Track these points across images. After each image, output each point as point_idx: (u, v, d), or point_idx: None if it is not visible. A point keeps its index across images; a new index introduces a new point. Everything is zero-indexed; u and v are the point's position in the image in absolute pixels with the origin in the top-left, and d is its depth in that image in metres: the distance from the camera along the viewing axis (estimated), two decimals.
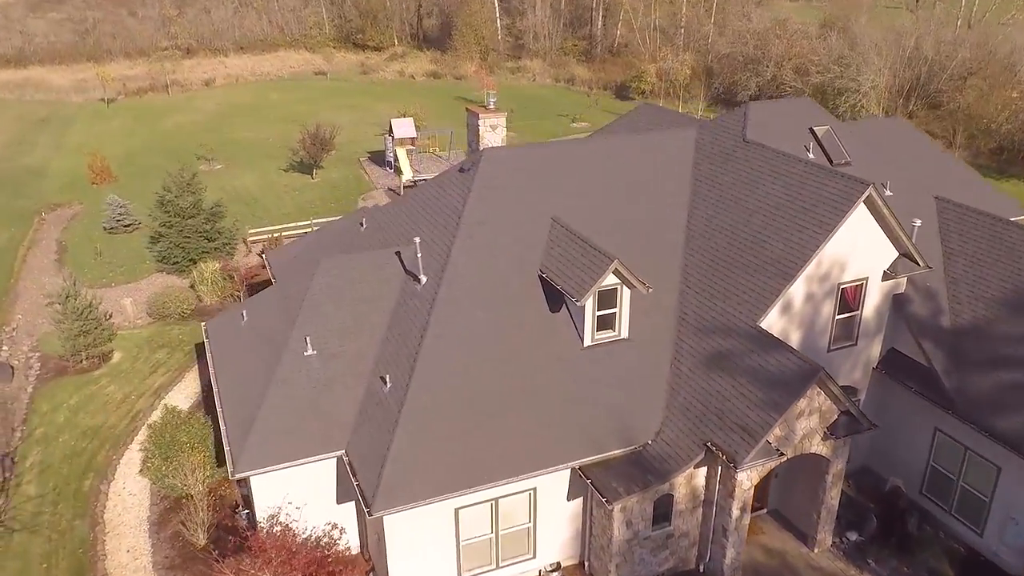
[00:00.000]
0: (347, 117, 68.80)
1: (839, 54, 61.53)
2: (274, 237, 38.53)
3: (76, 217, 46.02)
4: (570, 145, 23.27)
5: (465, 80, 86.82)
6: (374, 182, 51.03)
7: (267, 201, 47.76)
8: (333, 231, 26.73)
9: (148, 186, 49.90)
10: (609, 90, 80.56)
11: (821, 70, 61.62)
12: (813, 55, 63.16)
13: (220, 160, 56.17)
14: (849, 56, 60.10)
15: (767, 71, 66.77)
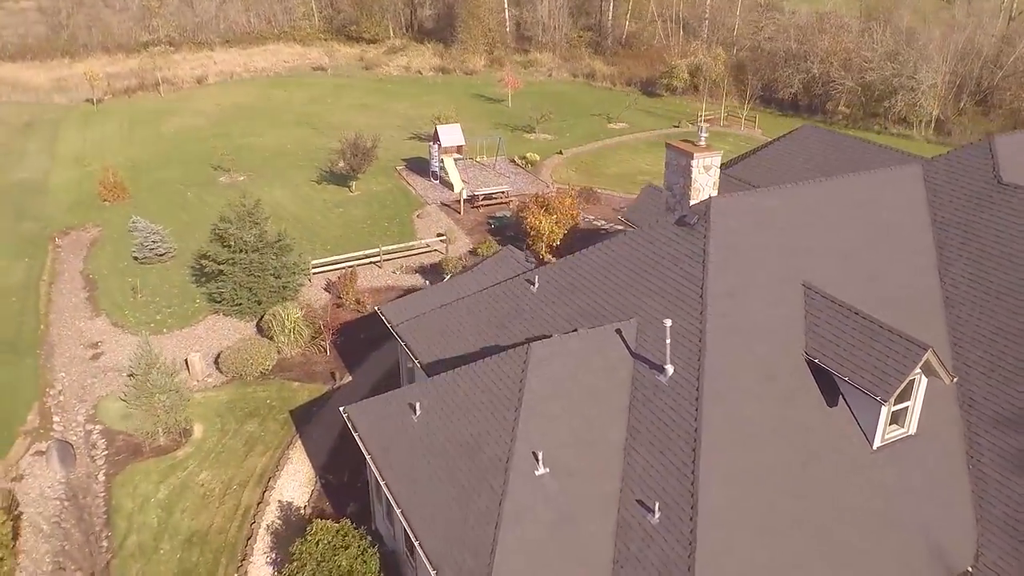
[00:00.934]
0: (364, 119, 63.81)
1: (892, 50, 58.17)
2: (350, 273, 33.69)
3: (96, 243, 40.61)
4: (797, 190, 19.09)
5: (476, 75, 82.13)
6: (422, 196, 46.32)
7: (310, 221, 42.79)
8: (487, 293, 22.20)
9: (167, 203, 44.96)
10: (634, 85, 76.53)
11: (874, 67, 58.20)
12: (863, 51, 59.70)
13: (240, 171, 50.83)
14: (906, 53, 56.76)
15: (812, 67, 63.18)
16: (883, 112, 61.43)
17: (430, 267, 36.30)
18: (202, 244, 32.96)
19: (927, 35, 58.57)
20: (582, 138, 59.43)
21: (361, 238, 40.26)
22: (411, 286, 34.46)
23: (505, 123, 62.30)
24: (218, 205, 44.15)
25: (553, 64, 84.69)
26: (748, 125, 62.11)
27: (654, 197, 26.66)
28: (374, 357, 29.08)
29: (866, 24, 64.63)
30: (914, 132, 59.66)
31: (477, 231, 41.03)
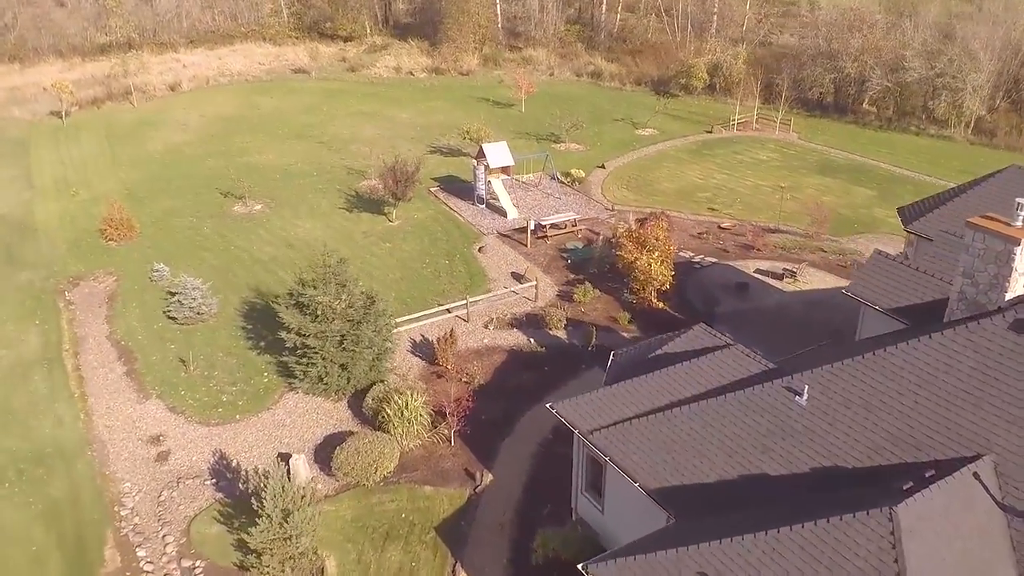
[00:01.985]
0: (370, 130, 58.64)
1: (934, 49, 55.45)
2: (448, 334, 28.89)
3: (116, 298, 34.92)
4: None
5: (473, 76, 77.29)
6: (474, 224, 41.62)
7: (359, 260, 37.70)
8: (722, 404, 17.86)
9: (184, 242, 39.76)
10: (644, 85, 72.65)
11: (915, 66, 55.40)
12: (901, 49, 56.86)
13: (255, 197, 45.25)
14: (952, 52, 54.07)
15: (846, 66, 60.12)
16: (918, 112, 58.82)
17: (525, 319, 31.80)
18: (276, 306, 27.72)
19: (966, 31, 55.95)
20: (614, 148, 55.32)
21: (425, 282, 35.46)
22: (514, 345, 29.99)
23: (524, 131, 57.79)
24: (244, 243, 39.11)
25: (551, 62, 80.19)
26: (783, 128, 58.80)
27: (889, 270, 22.58)
28: (508, 447, 24.61)
29: (895, 21, 61.73)
30: (954, 133, 57.16)
31: (554, 268, 36.63)
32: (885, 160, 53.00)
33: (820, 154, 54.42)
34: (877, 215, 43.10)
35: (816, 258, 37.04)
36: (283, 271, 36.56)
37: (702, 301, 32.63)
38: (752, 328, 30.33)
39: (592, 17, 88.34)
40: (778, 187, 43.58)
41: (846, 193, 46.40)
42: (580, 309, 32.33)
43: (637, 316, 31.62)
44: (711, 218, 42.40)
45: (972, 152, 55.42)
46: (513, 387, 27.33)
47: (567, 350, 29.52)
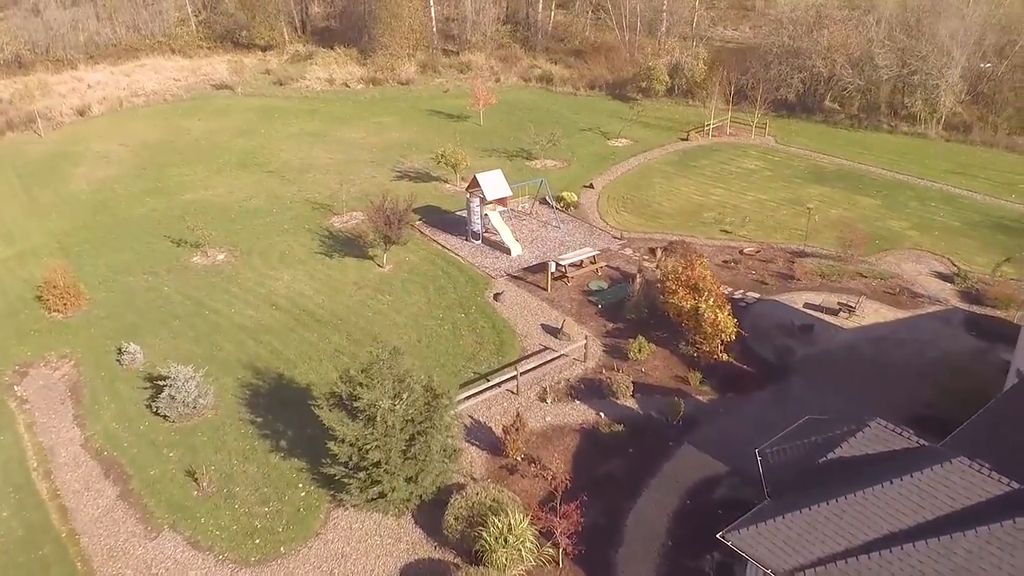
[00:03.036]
0: (322, 154, 53.54)
1: (906, 45, 54.41)
2: (516, 419, 24.70)
3: (81, 390, 29.20)
4: None
5: (413, 85, 72.53)
6: (477, 266, 37.40)
7: (360, 319, 33.11)
8: (962, 543, 14.57)
9: (146, 309, 34.37)
10: (599, 90, 69.55)
11: (889, 64, 54.20)
12: (873, 46, 55.58)
13: (214, 243, 39.63)
14: (925, 48, 53.07)
15: (816, 64, 58.46)
16: (891, 110, 57.85)
17: (583, 386, 27.93)
18: (318, 412, 22.90)
19: (934, 25, 55.05)
20: (593, 163, 51.92)
21: (447, 343, 31.13)
22: (583, 423, 26.18)
23: (491, 148, 53.83)
24: (219, 305, 33.98)
25: (492, 67, 76.03)
26: (759, 132, 56.71)
27: None
28: (626, 562, 20.75)
29: (860, 16, 60.43)
30: (927, 130, 56.36)
31: (585, 315, 32.92)
32: (871, 163, 51.53)
33: (805, 159, 52.53)
34: (893, 228, 41.24)
35: (859, 284, 34.55)
36: (277, 340, 31.52)
37: (768, 348, 29.54)
38: (844, 380, 27.59)
39: (527, 16, 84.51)
40: (805, 208, 40.77)
41: (852, 204, 44.42)
42: (639, 369, 28.72)
43: (706, 373, 28.14)
44: (728, 242, 39.54)
45: (951, 150, 54.68)
46: (602, 478, 23.53)
47: (647, 425, 25.86)
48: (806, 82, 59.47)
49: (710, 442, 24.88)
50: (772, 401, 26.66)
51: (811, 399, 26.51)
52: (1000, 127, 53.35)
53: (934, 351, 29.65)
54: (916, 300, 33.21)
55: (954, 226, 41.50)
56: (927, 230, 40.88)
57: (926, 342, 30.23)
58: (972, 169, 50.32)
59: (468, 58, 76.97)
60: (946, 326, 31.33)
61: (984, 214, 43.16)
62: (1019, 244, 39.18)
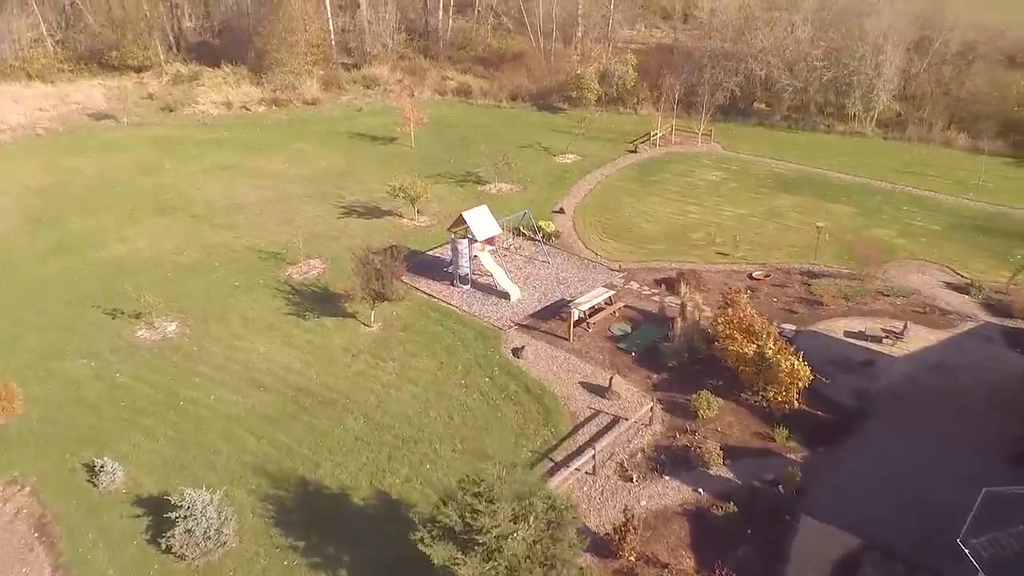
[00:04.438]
0: (248, 190, 48.19)
1: (840, 45, 54.82)
2: (631, 524, 21.32)
3: (49, 525, 23.60)
4: None
5: (321, 105, 67.08)
6: (479, 316, 33.72)
7: (371, 397, 28.81)
8: None
9: (105, 410, 28.17)
10: (523, 101, 66.73)
11: (827, 64, 54.41)
12: (809, 47, 55.65)
13: (161, 312, 33.89)
14: (862, 49, 53.57)
15: (753, 67, 57.94)
16: (821, 109, 58.23)
17: (664, 457, 24.93)
18: (422, 548, 18.70)
19: (862, 25, 55.67)
20: (548, 184, 49.03)
21: (484, 419, 27.44)
22: (683, 503, 23.32)
23: (434, 173, 49.80)
24: (192, 392, 29.34)
25: (400, 80, 71.56)
26: (705, 140, 55.58)
27: None
28: None
29: (788, 17, 60.40)
30: (864, 128, 57.03)
31: (621, 366, 30.06)
32: (824, 166, 51.39)
33: (761, 167, 51.74)
34: (882, 237, 40.60)
35: (886, 305, 33.37)
36: (281, 432, 26.77)
37: (834, 389, 27.49)
38: (926, 420, 26.15)
39: (426, 24, 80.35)
40: (815, 226, 39.01)
41: (828, 213, 43.67)
42: (714, 428, 26.08)
43: (787, 426, 25.83)
44: (731, 266, 37.68)
45: (892, 148, 55.51)
46: (736, 572, 20.56)
47: (753, 498, 23.20)
48: (742, 86, 58.78)
49: (827, 509, 22.54)
50: (869, 451, 24.74)
51: (908, 445, 24.93)
52: (934, 123, 54.43)
53: (992, 375, 28.67)
54: (947, 318, 32.31)
55: (936, 231, 41.40)
56: (913, 237, 40.53)
57: (980, 365, 29.24)
58: (919, 167, 50.98)
59: (372, 72, 71.99)
60: (990, 344, 30.54)
61: (956, 215, 43.41)
62: (1002, 244, 39.41)
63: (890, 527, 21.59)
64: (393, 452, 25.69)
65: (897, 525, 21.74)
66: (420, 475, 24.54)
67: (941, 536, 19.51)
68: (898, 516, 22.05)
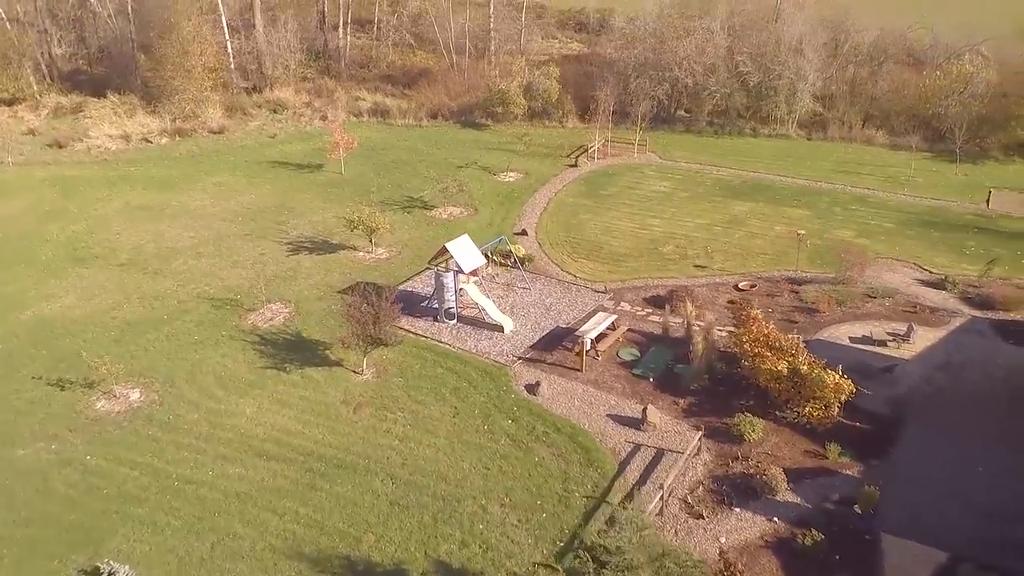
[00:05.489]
0: (178, 231, 44.70)
1: (760, 51, 56.36)
2: (736, 569, 20.21)
3: None
4: None
5: (229, 134, 62.95)
6: (478, 354, 31.97)
7: (396, 455, 26.50)
8: None
9: (72, 495, 24.91)
10: (443, 119, 65.05)
11: (754, 70, 55.82)
12: (737, 54, 56.89)
13: (120, 379, 30.36)
14: (784, 53, 55.27)
15: (680, 75, 58.60)
16: (748, 113, 59.65)
17: (725, 488, 24.09)
18: None
19: (779, 31, 57.41)
20: (498, 205, 47.67)
21: (522, 465, 25.85)
22: (764, 535, 22.49)
23: (375, 201, 47.19)
24: (186, 471, 26.49)
25: (305, 103, 68.33)
26: (640, 150, 55.72)
27: None
28: None
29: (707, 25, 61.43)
30: (788, 131, 58.75)
31: (643, 393, 29.08)
32: (763, 170, 52.41)
33: (704, 174, 52.26)
34: (844, 237, 41.51)
35: (878, 307, 33.94)
36: (303, 506, 24.22)
37: (865, 399, 27.46)
38: (960, 420, 26.55)
39: (325, 43, 77.20)
40: (796, 234, 39.04)
41: (786, 218, 44.42)
42: (764, 451, 25.45)
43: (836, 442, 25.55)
44: (714, 279, 37.53)
45: (819, 149, 57.33)
46: None
47: (830, 520, 22.61)
48: (668, 93, 59.29)
49: (903, 525, 22.27)
50: (919, 459, 24.78)
51: (952, 448, 25.19)
52: (853, 123, 56.63)
53: (998, 369, 29.47)
54: (937, 315, 33.07)
55: (890, 228, 42.73)
56: (873, 236, 41.62)
57: (984, 361, 30.04)
58: (851, 166, 52.82)
59: (277, 96, 68.28)
60: (984, 339, 31.43)
61: (902, 212, 45.01)
62: (954, 237, 41.10)
63: (970, 536, 21.52)
64: (438, 514, 23.59)
65: (975, 533, 21.69)
66: (477, 538, 22.58)
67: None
68: (973, 523, 22.03)
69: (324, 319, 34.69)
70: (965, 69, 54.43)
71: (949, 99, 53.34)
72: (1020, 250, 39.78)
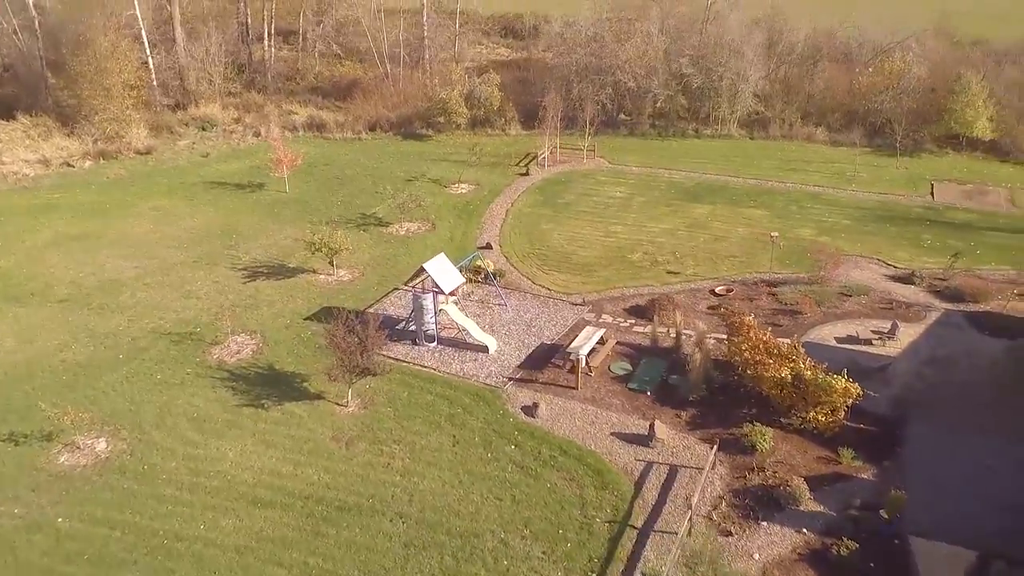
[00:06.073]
0: (123, 264, 42.13)
1: (702, 52, 57.07)
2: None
3: None
4: None
5: (158, 154, 59.99)
6: (461, 375, 30.92)
7: (402, 493, 25.31)
8: None
9: (51, 566, 22.79)
10: (382, 130, 63.56)
11: (696, 72, 56.42)
12: (680, 56, 57.34)
13: (81, 429, 28.20)
14: (724, 54, 56.07)
15: (625, 79, 58.68)
16: (689, 116, 60.27)
17: (748, 503, 23.72)
18: None
19: (719, 34, 58.14)
20: (455, 219, 46.61)
21: (537, 494, 24.90)
22: (797, 549, 22.18)
23: (326, 220, 45.59)
24: (176, 526, 24.97)
25: (235, 119, 65.69)
26: (590, 155, 55.54)
27: None
28: None
29: (646, 29, 61.65)
30: (730, 131, 59.55)
31: (643, 408, 28.62)
32: (714, 171, 52.89)
33: (657, 177, 52.36)
34: (804, 235, 42.06)
35: (856, 306, 34.39)
36: (312, 556, 22.79)
37: (865, 399, 27.60)
38: (958, 414, 26.86)
39: (250, 56, 74.45)
40: (770, 236, 39.04)
41: (746, 219, 44.81)
42: (779, 461, 25.24)
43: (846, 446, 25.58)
44: (689, 285, 37.44)
45: (763, 148, 58.28)
46: None
47: (857, 527, 22.50)
48: (612, 97, 59.26)
49: (929, 526, 22.34)
50: (930, 458, 25.00)
51: (959, 444, 25.48)
52: (793, 121, 57.78)
53: (981, 360, 30.14)
54: (913, 311, 33.69)
55: (848, 225, 43.55)
56: (833, 233, 42.32)
57: (966, 353, 30.71)
58: (797, 164, 53.82)
59: (204, 112, 65.34)
60: (962, 332, 32.13)
61: (856, 208, 46.00)
62: (909, 231, 42.17)
63: (994, 532, 21.70)
64: (457, 553, 22.46)
65: (999, 528, 21.88)
66: (504, 575, 21.49)
67: None
68: (996, 519, 22.22)
69: (296, 349, 32.99)
70: (896, 66, 56.14)
71: (883, 95, 54.88)
72: (973, 241, 41.02)
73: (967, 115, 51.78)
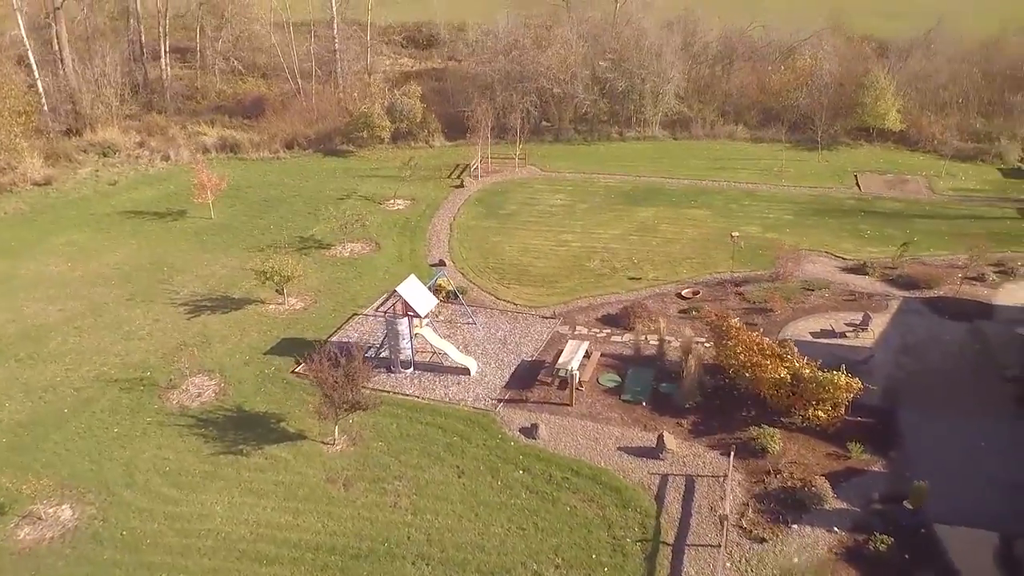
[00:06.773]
0: (46, 306, 39.38)
1: (625, 56, 57.84)
2: None
3: None
4: None
5: (59, 184, 55.79)
6: (449, 401, 29.95)
7: (417, 533, 24.09)
8: None
9: None
10: (301, 148, 61.17)
11: (618, 76, 57.07)
12: (602, 60, 57.79)
13: (41, 495, 25.75)
14: (644, 57, 56.92)
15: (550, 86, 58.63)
16: (611, 119, 60.85)
17: (773, 507, 23.78)
18: None
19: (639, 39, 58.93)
20: (398, 237, 45.18)
21: (560, 521, 24.05)
22: (833, 549, 22.31)
23: (261, 245, 43.50)
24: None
25: (138, 143, 61.92)
26: (522, 164, 55.19)
27: None
28: None
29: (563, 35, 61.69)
30: (654, 133, 60.45)
31: (642, 418, 28.34)
32: (648, 173, 53.44)
33: (592, 183, 52.42)
34: (754, 233, 42.89)
35: (821, 300, 35.30)
36: None
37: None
38: (944, 399, 27.85)
39: (146, 75, 70.32)
40: (730, 236, 39.12)
41: (692, 219, 45.40)
42: (791, 461, 25.43)
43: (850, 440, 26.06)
44: (655, 290, 37.46)
45: (689, 148, 59.35)
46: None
47: (883, 521, 22.84)
48: (537, 104, 59.02)
49: (949, 512, 22.93)
50: (931, 445, 25.76)
51: (954, 428, 26.38)
52: (714, 120, 59.15)
53: (950, 344, 31.40)
54: (874, 301, 34.78)
55: (790, 220, 44.75)
56: (778, 229, 43.36)
57: (933, 338, 31.89)
58: (725, 162, 55.05)
59: (103, 137, 61.15)
60: (924, 318, 33.40)
61: (793, 203, 47.35)
62: (848, 223, 43.72)
63: (1008, 511, 22.41)
64: None
65: (1013, 507, 22.61)
66: None
67: None
68: (1008, 498, 22.99)
69: (263, 386, 31.07)
70: (807, 63, 58.30)
71: (798, 92, 56.87)
72: (908, 228, 42.86)
73: (879, 108, 54.26)
